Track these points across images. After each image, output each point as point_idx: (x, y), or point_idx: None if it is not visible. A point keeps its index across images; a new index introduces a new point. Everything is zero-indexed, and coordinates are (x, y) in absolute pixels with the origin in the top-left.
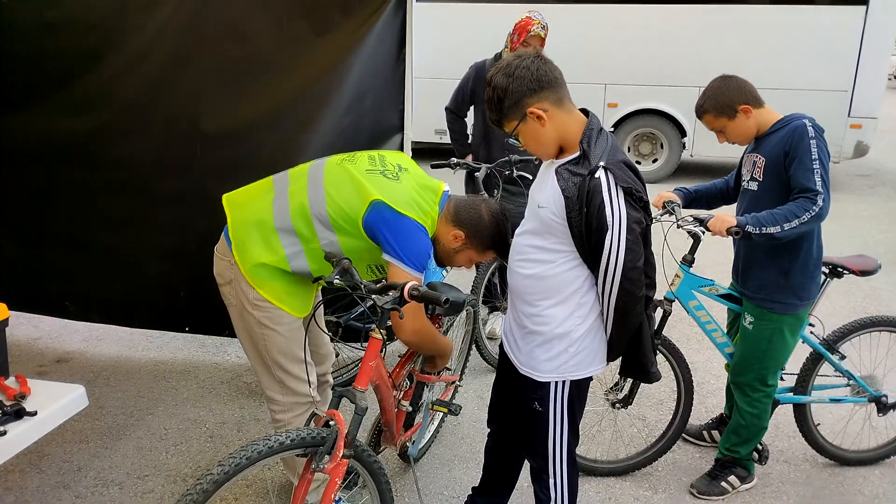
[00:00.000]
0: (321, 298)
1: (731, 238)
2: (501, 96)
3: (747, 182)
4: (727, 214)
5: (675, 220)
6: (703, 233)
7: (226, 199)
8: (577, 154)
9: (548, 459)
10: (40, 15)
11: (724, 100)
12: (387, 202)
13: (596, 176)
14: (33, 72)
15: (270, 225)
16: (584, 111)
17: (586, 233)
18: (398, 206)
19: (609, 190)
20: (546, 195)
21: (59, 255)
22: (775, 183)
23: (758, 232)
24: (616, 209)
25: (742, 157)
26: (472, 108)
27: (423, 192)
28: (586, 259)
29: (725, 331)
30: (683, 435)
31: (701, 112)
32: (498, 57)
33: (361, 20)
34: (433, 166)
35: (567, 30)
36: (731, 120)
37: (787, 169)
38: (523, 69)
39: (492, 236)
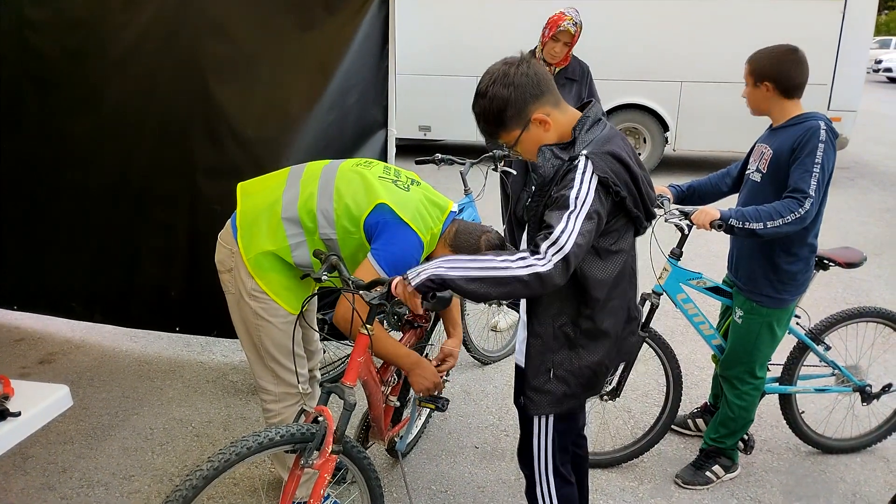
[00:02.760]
0: (310, 295)
1: (721, 232)
2: (503, 107)
3: (752, 172)
4: (711, 207)
5: (662, 214)
6: (688, 226)
7: (240, 187)
8: (569, 140)
9: (533, 465)
10: (22, 14)
11: (763, 66)
12: (392, 207)
13: (575, 163)
14: (18, 72)
15: (278, 214)
16: (587, 104)
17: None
18: (402, 214)
19: (583, 174)
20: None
21: (59, 256)
22: (777, 177)
23: (741, 226)
24: (583, 192)
25: (753, 146)
26: None
27: (430, 207)
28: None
29: (715, 324)
30: None
31: (748, 60)
32: (533, 54)
33: (346, 17)
34: (417, 162)
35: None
36: (753, 86)
37: (790, 165)
38: (522, 76)
39: None
